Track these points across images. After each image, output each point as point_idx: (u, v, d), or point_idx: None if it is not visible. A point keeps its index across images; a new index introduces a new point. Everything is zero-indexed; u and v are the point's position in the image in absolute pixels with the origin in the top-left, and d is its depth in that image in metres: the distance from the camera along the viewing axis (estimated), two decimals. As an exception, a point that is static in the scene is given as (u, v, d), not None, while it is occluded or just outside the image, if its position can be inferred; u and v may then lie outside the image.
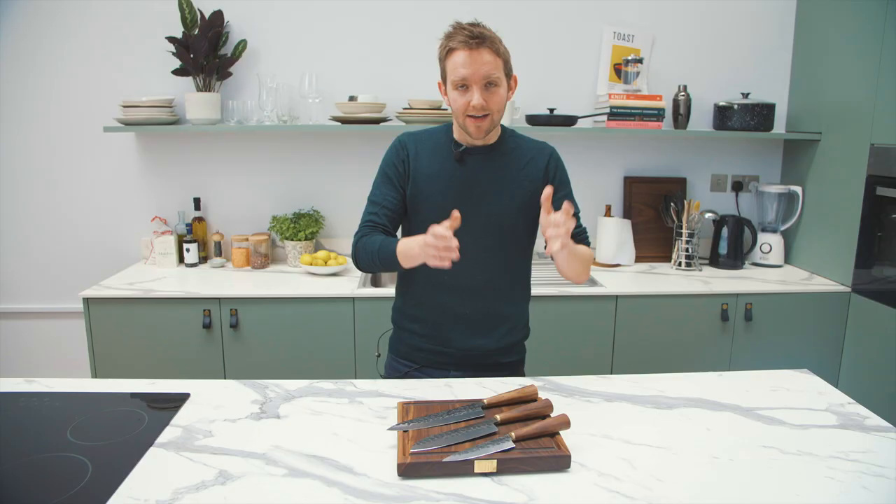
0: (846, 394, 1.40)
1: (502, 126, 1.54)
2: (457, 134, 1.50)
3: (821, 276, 2.59)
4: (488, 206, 1.47)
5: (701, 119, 2.82)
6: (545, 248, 1.27)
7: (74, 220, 2.75)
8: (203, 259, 2.73)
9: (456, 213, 1.25)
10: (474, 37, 1.34)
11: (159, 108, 2.52)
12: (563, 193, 1.53)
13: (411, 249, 1.31)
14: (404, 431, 1.14)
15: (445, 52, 1.39)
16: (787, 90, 2.82)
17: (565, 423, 1.13)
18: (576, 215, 1.54)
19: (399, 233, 1.55)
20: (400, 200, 1.49)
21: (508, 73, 1.43)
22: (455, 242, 1.21)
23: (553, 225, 1.24)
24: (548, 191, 1.28)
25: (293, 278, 2.49)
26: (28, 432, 1.19)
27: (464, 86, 1.38)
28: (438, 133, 1.54)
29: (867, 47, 2.31)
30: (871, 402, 1.48)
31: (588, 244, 1.58)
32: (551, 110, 2.63)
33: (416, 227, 1.48)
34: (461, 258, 1.48)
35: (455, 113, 1.43)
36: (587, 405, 1.33)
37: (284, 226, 2.64)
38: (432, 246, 1.22)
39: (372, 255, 1.41)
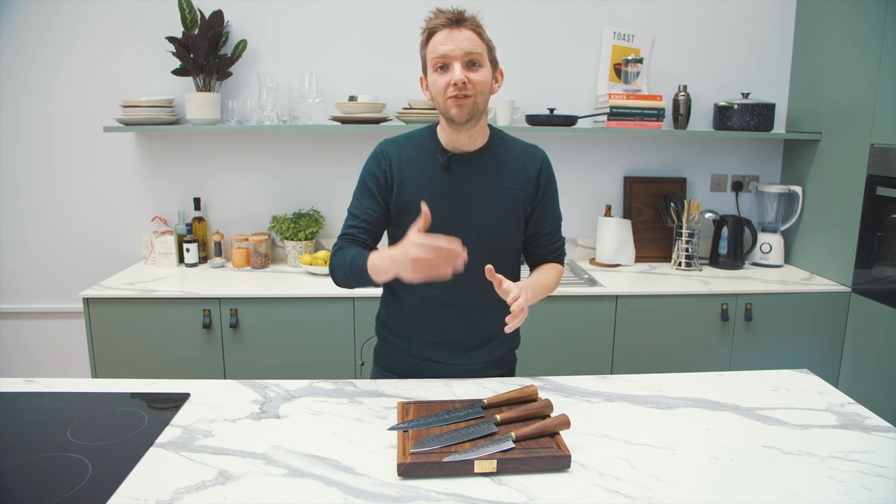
0: (846, 394, 1.40)
1: (491, 127, 1.47)
2: (443, 137, 1.43)
3: (821, 276, 2.59)
4: (478, 215, 1.40)
5: (701, 119, 2.82)
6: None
7: (74, 220, 2.76)
8: (203, 259, 2.73)
9: (426, 210, 1.18)
10: (455, 15, 1.31)
11: (159, 108, 2.52)
12: (550, 200, 1.49)
13: (382, 263, 1.25)
14: (404, 431, 1.14)
15: (426, 37, 1.34)
16: (787, 90, 2.82)
17: (565, 423, 1.13)
18: (555, 228, 1.52)
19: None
20: (381, 213, 1.42)
21: (493, 61, 1.37)
22: (459, 248, 1.12)
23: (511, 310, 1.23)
24: (489, 267, 1.24)
25: (293, 278, 2.49)
26: (28, 432, 1.19)
27: (444, 66, 1.31)
28: (422, 137, 1.45)
29: (867, 47, 2.31)
30: (871, 402, 1.49)
31: (562, 260, 1.54)
32: (551, 110, 2.63)
33: (401, 239, 1.43)
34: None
35: (436, 99, 1.35)
36: (587, 405, 1.33)
37: (284, 226, 2.65)
38: (423, 260, 1.12)
39: (344, 269, 1.34)
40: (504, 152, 1.45)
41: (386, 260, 1.23)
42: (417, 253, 1.12)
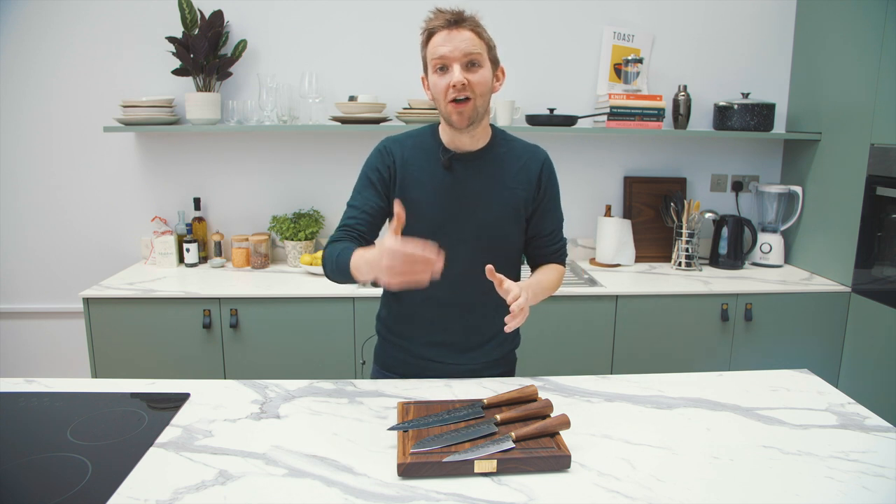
0: (846, 394, 1.40)
1: (493, 127, 1.46)
2: (444, 137, 1.42)
3: (821, 276, 2.59)
4: (479, 214, 1.40)
5: (701, 119, 2.82)
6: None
7: (74, 220, 2.76)
8: (203, 259, 2.73)
9: (399, 210, 1.14)
10: (454, 15, 1.30)
11: (159, 108, 2.52)
12: (551, 200, 1.48)
13: (362, 266, 1.22)
14: (404, 431, 1.14)
15: (426, 38, 1.34)
16: (787, 90, 2.82)
17: (565, 423, 1.13)
18: (557, 228, 1.52)
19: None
20: (381, 206, 1.41)
21: (494, 60, 1.36)
22: (434, 257, 1.08)
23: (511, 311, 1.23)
24: (490, 267, 1.24)
25: (293, 278, 2.49)
26: (28, 432, 1.19)
27: (443, 67, 1.31)
28: (424, 136, 1.45)
29: (867, 47, 2.31)
30: (871, 402, 1.49)
31: (563, 261, 1.54)
32: (551, 110, 2.63)
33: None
34: (451, 272, 1.38)
35: (437, 101, 1.35)
36: (587, 405, 1.33)
37: (284, 226, 2.65)
38: (398, 269, 1.08)
39: (332, 263, 1.32)
40: (506, 152, 1.45)
41: (364, 263, 1.20)
42: (390, 262, 1.08)
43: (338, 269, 1.30)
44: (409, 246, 1.07)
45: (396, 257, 1.08)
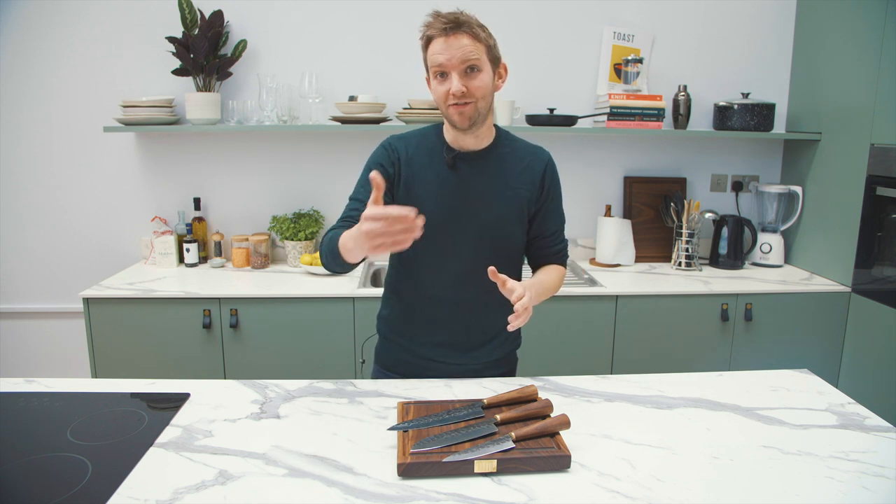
0: (846, 394, 1.40)
1: (497, 127, 1.47)
2: (448, 136, 1.43)
3: (821, 276, 2.59)
4: (482, 214, 1.41)
5: (701, 119, 2.82)
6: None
7: (74, 220, 2.76)
8: (203, 259, 2.73)
9: (375, 177, 1.09)
10: (450, 22, 1.28)
11: (159, 108, 2.52)
12: (553, 201, 1.48)
13: (347, 242, 1.21)
14: (404, 431, 1.14)
15: (425, 43, 1.33)
16: (787, 90, 2.82)
17: (565, 423, 1.13)
18: (559, 229, 1.52)
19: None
20: (384, 201, 1.40)
21: (494, 59, 1.35)
22: (414, 215, 1.05)
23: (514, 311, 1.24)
24: (493, 269, 1.24)
25: (293, 278, 2.49)
26: (28, 432, 1.19)
27: (443, 73, 1.31)
28: (428, 135, 1.46)
29: (867, 47, 2.31)
30: (871, 402, 1.49)
31: (564, 262, 1.54)
32: (551, 110, 2.63)
33: None
34: (453, 271, 1.42)
35: (438, 104, 1.36)
36: (587, 405, 1.33)
37: (284, 226, 2.65)
38: (380, 234, 1.06)
39: (326, 248, 1.32)
40: (509, 152, 1.45)
41: (350, 238, 1.20)
42: (370, 226, 1.06)
43: (330, 253, 1.30)
44: (386, 208, 1.05)
45: (375, 221, 1.05)
